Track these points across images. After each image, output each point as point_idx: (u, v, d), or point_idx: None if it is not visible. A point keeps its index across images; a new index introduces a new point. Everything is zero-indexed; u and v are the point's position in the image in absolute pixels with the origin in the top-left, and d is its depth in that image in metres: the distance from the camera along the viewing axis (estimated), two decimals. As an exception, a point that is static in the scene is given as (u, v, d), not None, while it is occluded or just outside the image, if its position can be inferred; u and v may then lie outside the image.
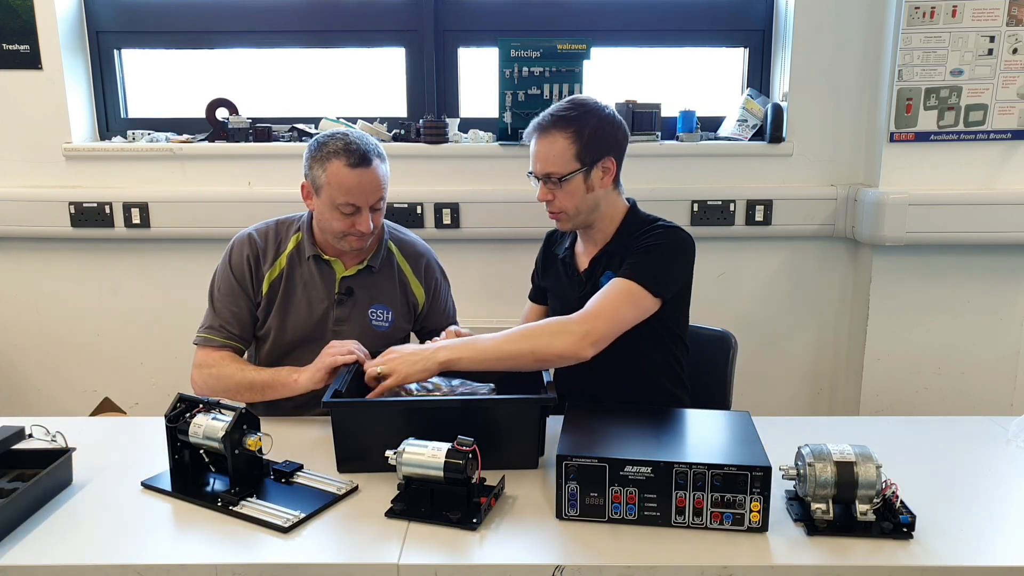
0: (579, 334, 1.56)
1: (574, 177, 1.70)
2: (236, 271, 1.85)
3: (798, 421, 1.87)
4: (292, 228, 1.89)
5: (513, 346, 1.56)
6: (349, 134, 1.76)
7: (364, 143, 1.75)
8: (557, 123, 1.70)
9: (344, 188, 1.73)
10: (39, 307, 2.72)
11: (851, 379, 2.68)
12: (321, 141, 1.77)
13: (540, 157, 1.73)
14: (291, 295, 1.85)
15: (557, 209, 1.75)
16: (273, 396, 1.73)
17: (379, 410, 1.52)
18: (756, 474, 1.23)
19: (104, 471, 1.48)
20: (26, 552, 1.23)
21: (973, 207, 2.43)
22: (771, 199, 2.57)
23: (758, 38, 2.71)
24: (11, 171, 2.62)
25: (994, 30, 2.35)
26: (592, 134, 1.70)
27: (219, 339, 1.81)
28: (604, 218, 1.79)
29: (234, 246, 1.88)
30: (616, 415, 1.50)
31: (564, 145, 1.69)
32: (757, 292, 2.67)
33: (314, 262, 1.85)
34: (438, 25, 2.69)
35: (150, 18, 2.70)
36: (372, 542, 1.25)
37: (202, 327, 1.84)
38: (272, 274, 1.85)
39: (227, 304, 1.83)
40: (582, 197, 1.72)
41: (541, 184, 1.74)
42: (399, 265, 1.93)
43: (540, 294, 1.99)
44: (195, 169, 2.61)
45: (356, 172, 1.72)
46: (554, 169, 1.70)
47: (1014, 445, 1.59)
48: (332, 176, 1.73)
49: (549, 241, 1.99)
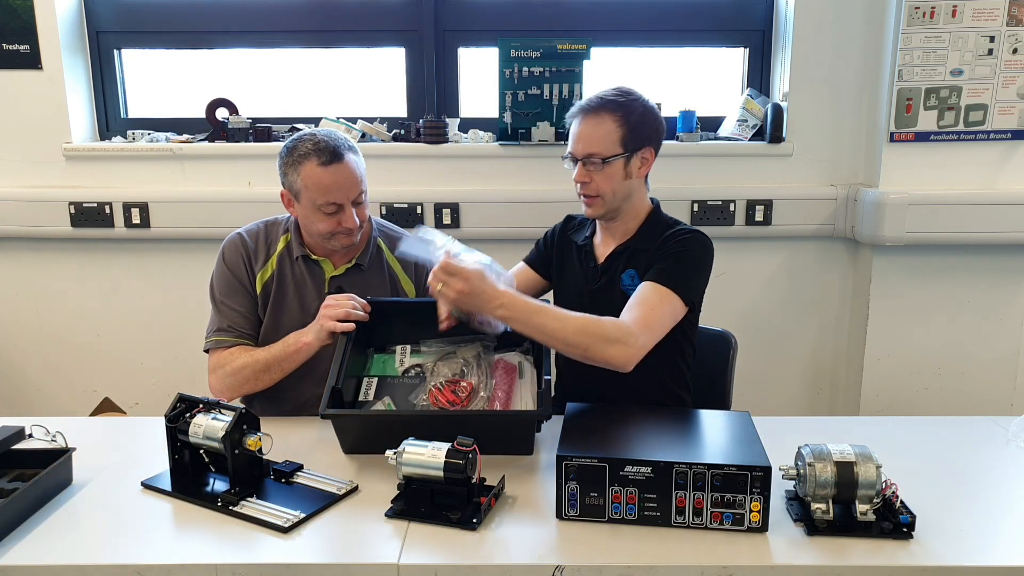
0: (636, 347, 1.56)
1: (616, 161, 1.72)
2: (233, 270, 1.84)
3: (798, 421, 1.88)
4: (280, 229, 1.89)
5: (570, 336, 1.54)
6: (316, 133, 1.76)
7: (333, 139, 1.75)
8: (606, 105, 1.72)
9: (322, 188, 1.72)
10: (39, 307, 2.72)
11: (851, 379, 2.68)
12: (290, 146, 1.76)
13: (583, 137, 1.73)
14: (283, 296, 1.85)
15: (593, 192, 1.74)
16: (292, 366, 1.73)
17: (376, 420, 1.56)
18: (756, 474, 1.23)
19: (104, 471, 1.48)
20: (26, 552, 1.23)
21: (973, 207, 2.43)
22: (771, 199, 2.57)
23: (758, 38, 2.71)
24: (11, 171, 2.62)
25: (994, 30, 2.35)
26: (638, 121, 1.73)
27: (230, 339, 1.81)
28: (631, 211, 1.80)
29: (226, 247, 1.87)
30: (616, 415, 1.50)
31: (611, 127, 1.71)
32: (757, 292, 2.67)
33: (303, 262, 1.85)
34: (438, 25, 2.69)
35: (150, 18, 2.70)
36: (372, 542, 1.26)
37: (210, 332, 1.83)
38: (264, 275, 1.84)
39: (230, 304, 1.83)
40: (619, 183, 1.74)
41: (580, 165, 1.74)
42: (388, 262, 1.92)
43: (541, 263, 1.97)
44: (195, 169, 2.61)
45: (331, 170, 1.72)
46: (598, 150, 1.71)
47: (1014, 445, 1.59)
48: (308, 178, 1.72)
49: (567, 225, 1.97)
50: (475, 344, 1.70)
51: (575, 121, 1.76)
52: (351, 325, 1.66)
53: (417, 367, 1.69)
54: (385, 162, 2.58)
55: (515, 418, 1.56)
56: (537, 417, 1.52)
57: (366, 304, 1.71)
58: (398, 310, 1.80)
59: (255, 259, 1.85)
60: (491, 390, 1.61)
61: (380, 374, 1.70)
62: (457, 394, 1.59)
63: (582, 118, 1.75)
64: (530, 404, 1.59)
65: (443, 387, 1.61)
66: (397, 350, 1.74)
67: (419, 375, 1.68)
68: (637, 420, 1.47)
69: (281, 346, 1.74)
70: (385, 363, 1.73)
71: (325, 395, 1.52)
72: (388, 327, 1.75)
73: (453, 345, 1.71)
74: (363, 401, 1.65)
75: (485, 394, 1.60)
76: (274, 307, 1.84)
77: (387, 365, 1.72)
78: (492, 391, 1.61)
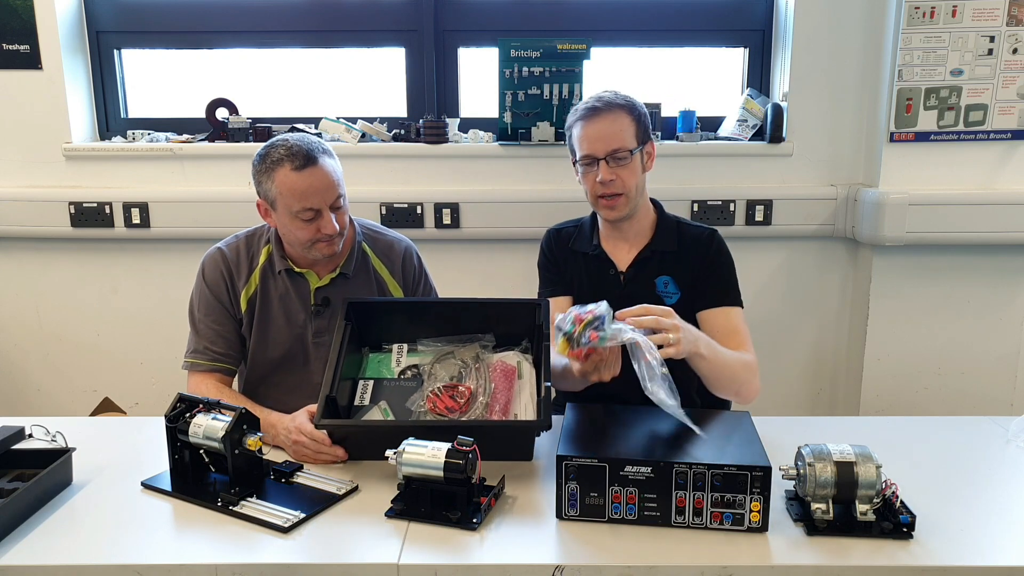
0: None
1: (636, 154, 1.75)
2: (212, 288, 1.79)
3: (798, 421, 1.87)
4: (262, 240, 1.83)
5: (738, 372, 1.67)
6: (288, 139, 1.70)
7: (306, 143, 1.68)
8: (613, 103, 1.76)
9: (297, 194, 1.65)
10: (39, 307, 2.72)
11: (851, 379, 2.68)
12: (262, 153, 1.70)
13: (604, 136, 1.73)
14: (268, 311, 1.80)
15: (619, 190, 1.74)
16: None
17: (373, 430, 1.55)
18: (756, 474, 1.23)
19: (104, 471, 1.48)
20: (26, 552, 1.23)
21: (973, 207, 2.43)
22: (771, 199, 2.57)
23: (758, 38, 2.71)
24: (11, 171, 2.62)
25: (994, 30, 2.35)
26: (642, 115, 1.79)
27: (205, 362, 1.77)
28: (644, 208, 1.83)
29: (206, 264, 1.82)
30: (616, 415, 1.50)
31: (628, 122, 1.75)
32: (757, 292, 2.67)
33: (287, 275, 1.79)
34: (438, 25, 2.69)
35: (150, 18, 2.70)
36: (372, 542, 1.26)
37: (187, 352, 1.79)
38: (248, 291, 1.79)
39: (209, 323, 1.78)
40: (640, 177, 1.77)
41: (602, 164, 1.73)
42: (374, 267, 1.86)
43: (563, 285, 1.89)
44: (195, 169, 2.61)
45: (304, 174, 1.65)
46: (622, 144, 1.73)
47: (1014, 445, 1.60)
48: (282, 185, 1.66)
49: (559, 239, 1.92)
50: (473, 345, 1.68)
51: (582, 124, 1.76)
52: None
53: (414, 367, 1.66)
54: (385, 162, 2.58)
55: (515, 429, 1.55)
56: (537, 428, 1.50)
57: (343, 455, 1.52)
58: (390, 308, 1.77)
59: (237, 275, 1.80)
60: (490, 395, 1.59)
61: (376, 376, 1.66)
62: (456, 399, 1.57)
63: (591, 119, 1.75)
64: (529, 408, 1.58)
65: (441, 393, 1.58)
66: (394, 349, 1.70)
67: (416, 376, 1.65)
68: (637, 420, 1.47)
69: (255, 412, 1.52)
70: (380, 363, 1.69)
71: (319, 405, 1.49)
72: (384, 325, 1.72)
73: (451, 345, 1.68)
74: (359, 406, 1.60)
75: (484, 399, 1.58)
76: (260, 323, 1.80)
77: (383, 365, 1.68)
78: (491, 396, 1.59)
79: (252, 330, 1.80)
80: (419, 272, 1.93)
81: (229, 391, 1.77)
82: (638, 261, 1.81)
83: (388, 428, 1.55)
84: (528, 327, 1.68)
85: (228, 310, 1.80)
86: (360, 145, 2.58)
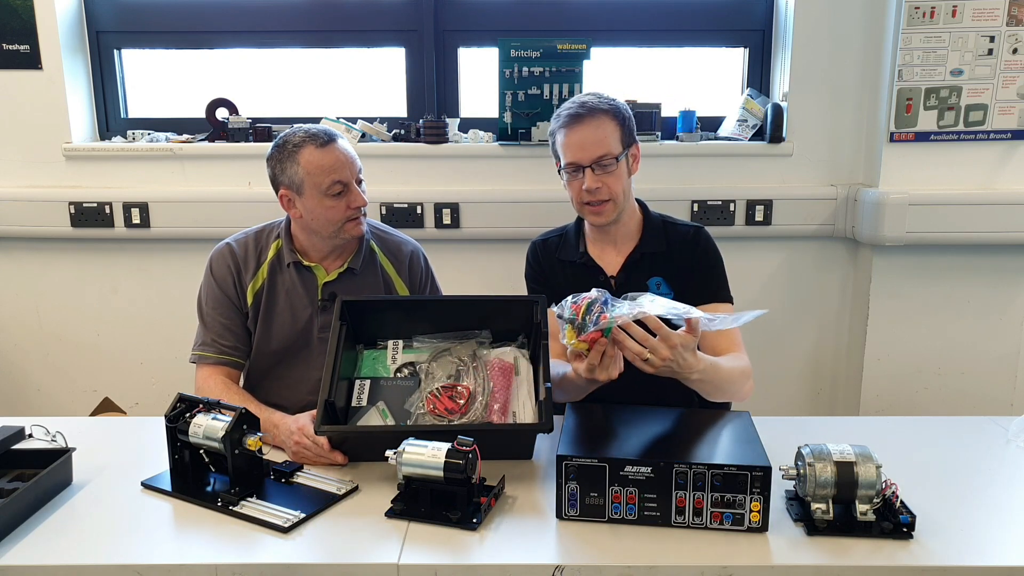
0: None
1: (623, 159, 1.73)
2: (220, 282, 1.82)
3: (798, 421, 1.87)
4: (272, 236, 1.86)
5: (737, 380, 1.65)
6: (301, 126, 1.77)
7: (321, 127, 1.77)
8: (596, 108, 1.73)
9: (326, 168, 1.72)
10: (39, 307, 2.72)
11: (851, 379, 2.68)
12: (280, 143, 1.77)
13: (588, 142, 1.70)
14: (274, 305, 1.82)
15: (605, 196, 1.72)
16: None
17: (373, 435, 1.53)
18: (756, 474, 1.23)
19: (104, 471, 1.48)
20: (26, 552, 1.23)
21: (973, 207, 2.43)
22: (771, 199, 2.57)
23: (758, 38, 2.71)
24: (11, 171, 2.62)
25: (994, 30, 2.35)
26: (626, 117, 1.76)
27: (212, 355, 1.78)
28: (630, 211, 1.81)
29: (214, 258, 1.84)
30: (616, 415, 1.50)
31: (612, 127, 1.72)
32: (757, 292, 2.67)
33: (295, 269, 1.82)
34: (438, 25, 2.69)
35: (150, 18, 2.70)
36: (372, 542, 1.26)
37: (195, 344, 1.81)
38: (255, 285, 1.82)
39: (216, 317, 1.80)
40: (626, 181, 1.75)
41: (587, 172, 1.70)
42: (382, 265, 1.89)
43: (553, 298, 1.87)
44: (195, 169, 2.61)
45: (329, 149, 1.73)
46: (607, 150, 1.70)
47: (1014, 445, 1.60)
48: (308, 164, 1.72)
49: (544, 251, 1.90)
50: (470, 341, 1.66)
51: (565, 132, 1.72)
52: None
53: (410, 365, 1.64)
54: (385, 162, 2.58)
55: (515, 432, 1.54)
56: (538, 431, 1.49)
57: (342, 461, 1.52)
58: (384, 305, 1.75)
59: (244, 270, 1.82)
60: (488, 394, 1.58)
61: (372, 375, 1.63)
62: (455, 400, 1.56)
63: (575, 126, 1.71)
64: (528, 405, 1.58)
65: (440, 394, 1.57)
66: (389, 345, 1.68)
67: (412, 375, 1.62)
68: (637, 420, 1.47)
69: (258, 411, 1.57)
70: (376, 360, 1.66)
71: (319, 410, 1.47)
72: (379, 321, 1.69)
73: (447, 342, 1.67)
74: (356, 407, 1.58)
75: (483, 399, 1.57)
76: (265, 317, 1.81)
77: (378, 363, 1.65)
78: (490, 396, 1.58)
79: (257, 322, 1.82)
80: (426, 275, 1.94)
81: (235, 386, 1.78)
82: (628, 265, 1.79)
83: (388, 434, 1.52)
84: (524, 323, 1.68)
85: (235, 304, 1.82)
86: (360, 145, 2.58)
